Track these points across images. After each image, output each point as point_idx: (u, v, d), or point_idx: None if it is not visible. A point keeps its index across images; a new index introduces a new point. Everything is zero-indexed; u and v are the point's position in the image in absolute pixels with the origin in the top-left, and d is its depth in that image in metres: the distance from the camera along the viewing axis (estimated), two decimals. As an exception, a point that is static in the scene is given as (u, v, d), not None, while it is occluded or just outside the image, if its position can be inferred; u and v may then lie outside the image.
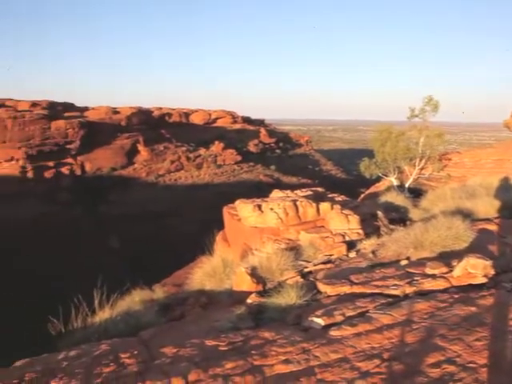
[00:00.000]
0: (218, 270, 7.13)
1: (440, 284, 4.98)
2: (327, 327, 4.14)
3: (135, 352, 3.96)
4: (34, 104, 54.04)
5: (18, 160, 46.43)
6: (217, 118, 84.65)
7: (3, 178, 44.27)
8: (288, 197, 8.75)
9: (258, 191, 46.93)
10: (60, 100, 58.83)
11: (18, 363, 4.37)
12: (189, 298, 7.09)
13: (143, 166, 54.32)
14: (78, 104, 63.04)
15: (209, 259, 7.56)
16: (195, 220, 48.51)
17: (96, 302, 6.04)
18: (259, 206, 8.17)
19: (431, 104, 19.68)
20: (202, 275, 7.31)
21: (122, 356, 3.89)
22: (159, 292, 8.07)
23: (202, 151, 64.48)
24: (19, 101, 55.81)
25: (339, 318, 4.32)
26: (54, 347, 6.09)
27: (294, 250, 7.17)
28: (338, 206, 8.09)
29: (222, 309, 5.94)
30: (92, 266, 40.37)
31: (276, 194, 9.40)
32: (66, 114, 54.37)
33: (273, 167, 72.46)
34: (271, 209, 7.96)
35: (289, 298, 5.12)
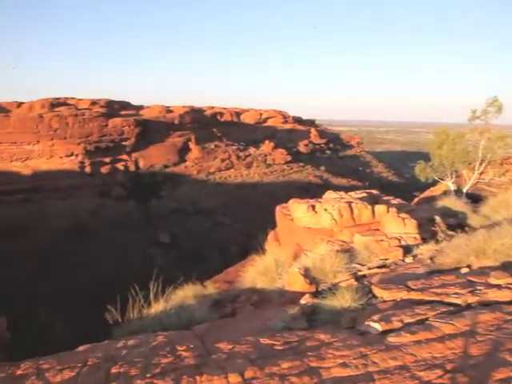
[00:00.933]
0: (270, 269, 7.13)
1: (506, 295, 4.72)
2: (385, 333, 4.03)
3: (191, 345, 4.03)
4: (94, 102, 56.49)
5: (77, 155, 48.66)
6: (268, 118, 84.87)
7: (64, 172, 46.60)
8: (342, 198, 8.61)
9: (306, 192, 46.74)
10: (117, 99, 61.25)
11: (80, 348, 4.56)
12: (240, 295, 7.14)
13: (194, 164, 55.41)
14: (134, 103, 65.38)
15: (261, 258, 7.57)
16: (244, 218, 48.93)
17: (151, 294, 6.21)
18: (313, 207, 8.10)
19: (495, 105, 18.66)
20: (254, 274, 7.33)
21: (179, 348, 3.96)
22: (210, 288, 8.18)
23: (252, 150, 64.86)
24: (80, 99, 58.57)
25: (397, 325, 4.19)
26: (110, 335, 6.33)
27: (348, 252, 7.04)
28: (394, 210, 7.87)
29: (274, 308, 5.93)
30: (142, 259, 41.72)
31: (329, 195, 9.28)
32: (123, 112, 56.39)
33: (322, 168, 71.73)
34: (325, 210, 7.86)
35: (343, 300, 5.03)
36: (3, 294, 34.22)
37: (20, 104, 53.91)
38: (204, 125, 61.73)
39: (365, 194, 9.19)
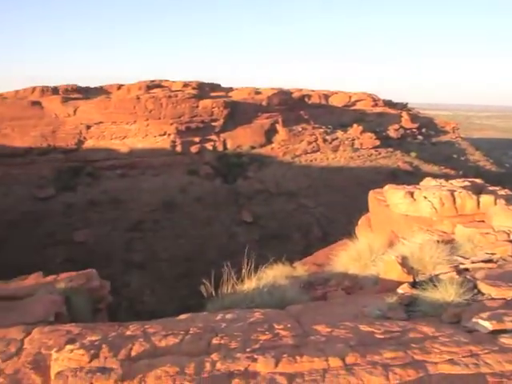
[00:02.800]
0: (363, 255, 6.95)
1: None
2: (495, 333, 3.74)
3: (288, 325, 4.05)
4: (186, 84, 58.62)
5: (169, 135, 51.01)
6: (356, 101, 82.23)
7: (157, 151, 49.21)
8: (443, 186, 8.11)
9: (394, 178, 44.92)
10: (208, 81, 62.93)
11: (182, 316, 4.81)
12: (331, 279, 7.06)
13: (280, 146, 55.57)
14: (224, 85, 66.72)
15: (354, 243, 7.41)
16: (327, 202, 48.40)
17: (244, 271, 6.36)
18: (411, 194, 7.72)
19: None
20: (346, 258, 7.20)
21: (277, 327, 4.00)
22: (300, 270, 8.19)
23: (340, 134, 63.46)
24: (174, 81, 61.18)
25: (510, 325, 3.87)
26: (203, 307, 6.60)
27: (449, 243, 6.63)
28: (503, 201, 7.25)
29: (368, 295, 5.78)
30: (226, 237, 43.07)
31: (428, 182, 8.79)
32: (213, 94, 57.89)
33: (413, 154, 68.27)
34: (425, 197, 7.46)
35: (446, 294, 4.75)
36: (104, 260, 37.36)
37: (120, 86, 57.55)
38: (291, 107, 61.41)
39: (467, 183, 8.56)
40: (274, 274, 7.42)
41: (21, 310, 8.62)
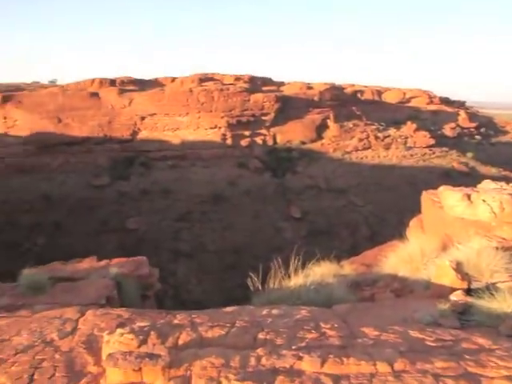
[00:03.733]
0: (414, 257, 6.72)
1: None
2: (559, 349, 3.51)
3: (335, 325, 3.99)
4: (238, 78, 58.99)
5: (220, 128, 51.58)
6: (411, 98, 79.48)
7: (207, 143, 49.91)
8: (504, 189, 7.69)
9: (447, 179, 43.12)
10: (260, 75, 62.92)
11: (228, 309, 4.86)
12: (380, 280, 6.89)
13: (331, 142, 54.76)
14: (276, 79, 66.50)
15: (405, 245, 7.18)
16: (377, 200, 47.28)
17: (291, 267, 6.33)
18: (468, 196, 7.37)
19: None
20: (396, 260, 6.99)
21: (323, 326, 3.95)
22: (347, 268, 8.05)
23: (392, 131, 61.67)
24: (225, 75, 61.72)
25: None
26: (249, 300, 6.64)
27: (508, 250, 6.27)
28: None
29: (419, 299, 5.59)
30: (273, 231, 43.14)
31: (487, 184, 8.35)
32: (264, 88, 57.87)
33: (469, 154, 65.23)
34: (483, 200, 7.09)
35: (505, 304, 4.50)
36: (153, 248, 38.52)
37: (173, 79, 58.77)
38: (344, 103, 60.32)
39: (532, 188, 8.05)
40: (322, 271, 7.33)
41: (76, 292, 9.05)
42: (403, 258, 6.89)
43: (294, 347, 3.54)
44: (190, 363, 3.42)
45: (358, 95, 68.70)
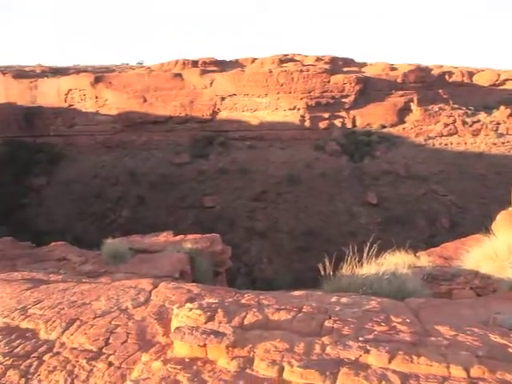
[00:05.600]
0: (500, 254, 6.19)
1: None
2: None
3: (407, 320, 3.78)
4: (318, 59, 57.77)
5: (299, 109, 51.11)
6: (506, 80, 72.96)
7: (286, 124, 49.81)
8: None
9: (544, 170, 39.37)
10: (342, 55, 61.13)
11: (296, 292, 4.82)
12: (459, 275, 6.45)
13: (413, 126, 52.13)
14: (358, 60, 64.27)
15: (490, 239, 6.64)
16: (460, 190, 44.51)
17: (365, 254, 6.13)
18: None
19: None
20: (479, 256, 6.50)
21: (394, 319, 3.77)
22: (424, 260, 7.64)
23: (482, 116, 57.27)
24: (306, 56, 60.70)
25: None
26: (318, 284, 6.55)
27: None
28: None
29: (502, 300, 5.16)
30: (347, 216, 42.35)
31: None
32: (345, 69, 56.18)
33: None
34: None
35: None
36: (228, 226, 39.58)
37: (254, 60, 58.97)
38: (429, 85, 56.89)
39: None
40: (396, 261, 7.02)
41: (152, 263, 9.54)
42: (487, 253, 6.38)
43: (361, 339, 3.41)
44: (253, 344, 3.42)
45: (446, 77, 64.44)
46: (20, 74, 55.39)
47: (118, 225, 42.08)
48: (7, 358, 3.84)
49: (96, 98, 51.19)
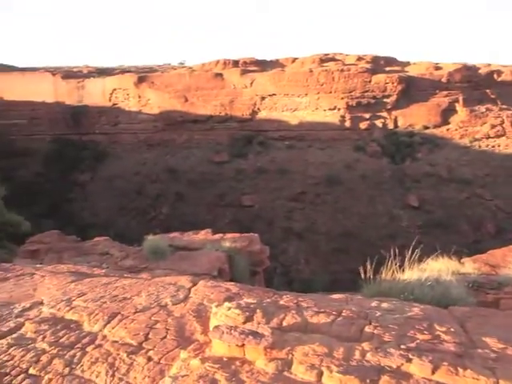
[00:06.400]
0: (553, 263, 5.87)
1: None
2: None
3: (452, 329, 3.64)
4: (360, 58, 56.81)
5: (339, 109, 50.49)
6: (562, 79, 69.47)
7: (325, 125, 49.34)
8: None
9: None
10: (383, 54, 59.83)
11: (335, 296, 4.74)
12: (507, 284, 6.17)
13: (458, 128, 50.37)
14: (401, 59, 62.72)
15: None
16: (508, 195, 42.66)
17: (407, 259, 5.96)
18: None
19: None
20: (530, 264, 6.18)
21: (438, 328, 3.64)
22: (469, 267, 7.35)
23: (534, 117, 54.76)
24: (347, 55, 59.86)
25: None
26: (356, 287, 6.44)
27: None
28: None
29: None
30: (387, 219, 41.48)
31: None
32: (387, 69, 54.96)
33: None
34: None
35: None
36: (266, 225, 39.63)
37: (294, 59, 58.71)
38: (476, 85, 54.78)
39: None
40: (439, 267, 6.79)
41: (191, 261, 9.68)
42: (539, 262, 6.07)
43: (402, 347, 3.31)
44: (292, 347, 3.39)
45: (495, 76, 61.90)
46: (68, 74, 57.51)
47: (159, 221, 43.01)
48: (53, 347, 3.98)
49: (139, 97, 52.48)
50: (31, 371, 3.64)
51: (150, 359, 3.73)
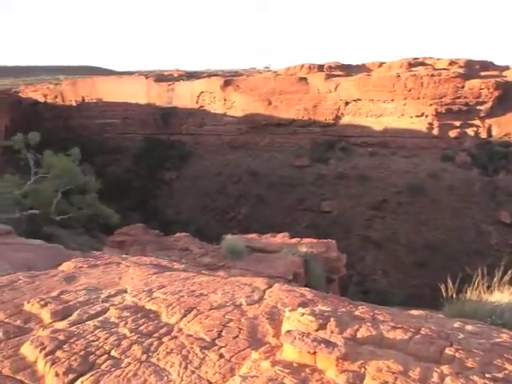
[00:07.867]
0: None
1: None
2: None
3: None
4: (452, 62, 53.68)
5: (427, 116, 48.13)
6: None
7: (411, 132, 47.28)
8: None
9: None
10: (478, 58, 56.07)
11: (414, 312, 4.52)
12: None
13: None
14: (498, 63, 58.39)
15: None
16: None
17: (496, 279, 5.52)
18: None
19: None
20: None
21: (529, 358, 3.31)
22: None
23: None
24: (439, 59, 56.84)
25: None
26: (436, 304, 6.08)
27: None
28: None
29: None
30: (474, 234, 38.77)
31: None
32: (483, 73, 51.41)
33: None
34: None
35: None
36: (344, 232, 38.85)
37: (381, 64, 56.99)
38: None
39: None
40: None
41: (267, 263, 9.77)
42: None
43: (487, 375, 3.05)
44: (365, 360, 3.28)
45: None
46: (160, 77, 60.86)
47: (237, 221, 43.99)
48: (133, 334, 4.22)
49: (224, 100, 54.04)
50: (113, 353, 3.88)
51: (221, 356, 3.80)
